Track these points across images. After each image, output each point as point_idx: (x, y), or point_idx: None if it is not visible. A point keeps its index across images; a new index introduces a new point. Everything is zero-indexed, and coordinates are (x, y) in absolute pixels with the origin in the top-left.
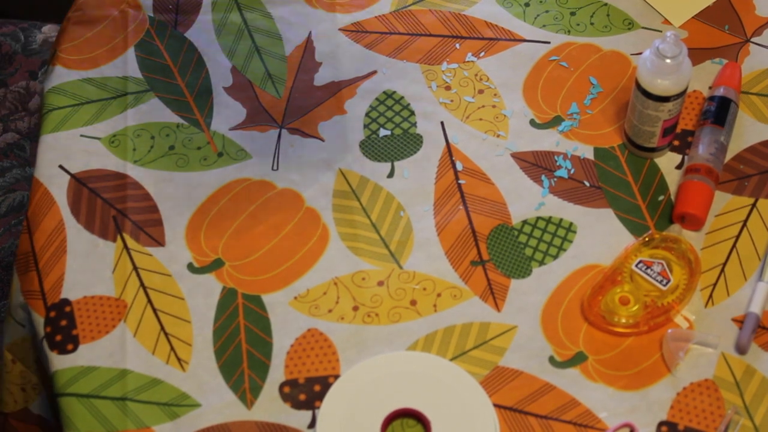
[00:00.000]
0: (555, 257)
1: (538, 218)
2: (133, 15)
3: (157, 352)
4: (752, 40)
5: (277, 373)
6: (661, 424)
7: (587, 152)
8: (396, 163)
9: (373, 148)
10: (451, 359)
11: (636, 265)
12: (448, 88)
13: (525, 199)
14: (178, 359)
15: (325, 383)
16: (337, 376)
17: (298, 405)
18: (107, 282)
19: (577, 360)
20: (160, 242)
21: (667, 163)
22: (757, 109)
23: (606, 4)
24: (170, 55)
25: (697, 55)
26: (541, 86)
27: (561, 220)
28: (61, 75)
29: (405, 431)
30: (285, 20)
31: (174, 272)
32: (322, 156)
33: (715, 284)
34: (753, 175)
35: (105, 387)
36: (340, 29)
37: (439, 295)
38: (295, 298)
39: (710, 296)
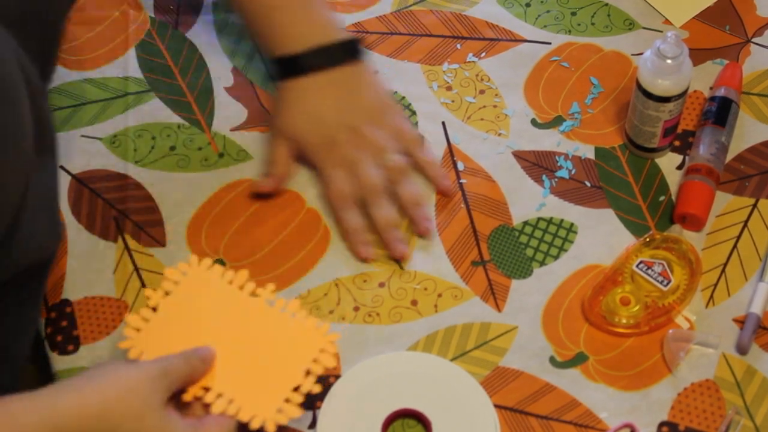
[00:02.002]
0: (556, 258)
1: (539, 219)
2: (133, 15)
3: None
4: (753, 40)
5: None
6: (661, 424)
7: (588, 152)
8: None
9: None
10: (452, 359)
11: (637, 266)
12: (449, 88)
13: (526, 200)
14: None
15: (325, 383)
16: (337, 377)
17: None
18: (108, 283)
19: (577, 360)
20: (161, 243)
21: (668, 163)
22: (758, 110)
23: (607, 4)
24: (171, 55)
25: (698, 55)
26: (542, 86)
27: (562, 220)
28: (61, 75)
29: (405, 431)
30: None
31: None
32: None
33: (715, 285)
34: (754, 175)
35: None
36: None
37: (440, 295)
38: (296, 298)
39: (711, 297)
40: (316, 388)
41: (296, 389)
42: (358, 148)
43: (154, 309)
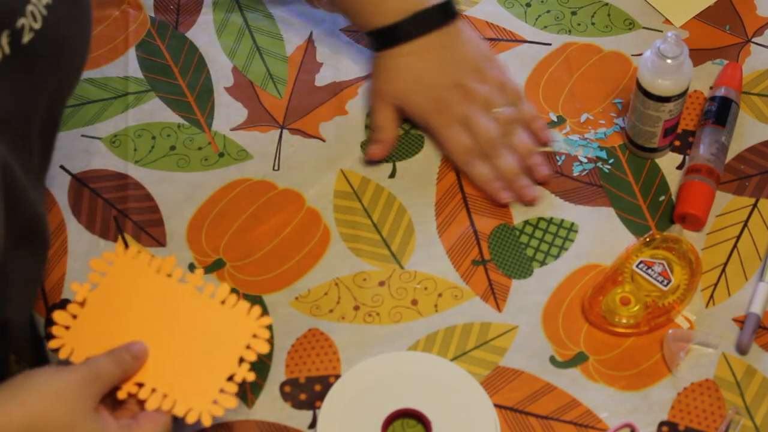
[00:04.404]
0: (556, 257)
1: (539, 218)
2: (134, 15)
3: None
4: (753, 40)
5: (278, 373)
6: (661, 424)
7: (589, 152)
8: (397, 164)
9: None
10: (452, 359)
11: (637, 266)
12: None
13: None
14: None
15: (325, 383)
16: (337, 376)
17: (298, 405)
18: None
19: (577, 360)
20: (161, 242)
21: (668, 163)
22: (758, 110)
23: (607, 4)
24: (171, 55)
25: (698, 55)
26: (542, 87)
27: (562, 220)
28: None
29: (405, 431)
30: (286, 20)
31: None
32: (324, 156)
33: (715, 284)
34: (754, 175)
35: None
36: (341, 29)
37: (440, 295)
38: (296, 298)
39: (711, 296)
40: (250, 377)
41: (230, 378)
42: (469, 104)
43: (82, 304)
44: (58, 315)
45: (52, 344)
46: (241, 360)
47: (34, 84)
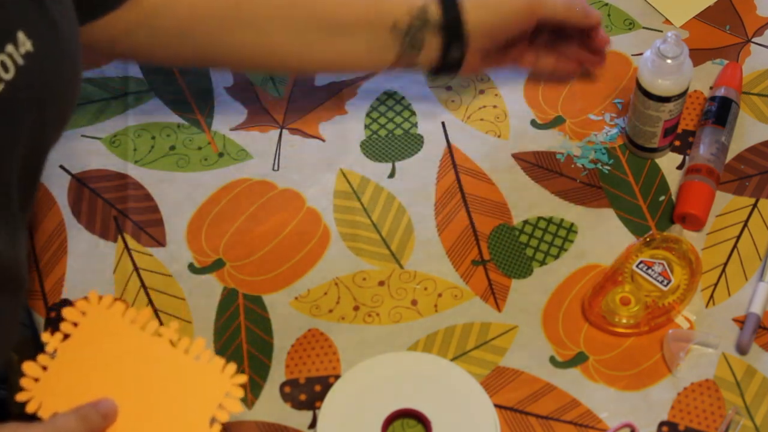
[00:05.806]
0: (556, 257)
1: (539, 218)
2: None
3: None
4: (753, 40)
5: (277, 373)
6: (661, 424)
7: (589, 153)
8: (397, 164)
9: (374, 149)
10: (452, 359)
11: (637, 266)
12: (449, 88)
13: (526, 200)
14: None
15: (325, 383)
16: (337, 376)
17: (298, 405)
18: (108, 282)
19: (577, 360)
20: (160, 242)
21: (668, 163)
22: (758, 110)
23: (607, 4)
24: None
25: (698, 55)
26: (542, 87)
27: (562, 220)
28: None
29: (405, 431)
30: None
31: (175, 272)
32: (323, 156)
33: (715, 284)
34: (754, 175)
35: None
36: None
37: (440, 295)
38: (296, 298)
39: (711, 296)
40: None
41: None
42: None
43: (53, 355)
44: (27, 366)
45: (20, 397)
46: (213, 420)
47: (10, 133)
